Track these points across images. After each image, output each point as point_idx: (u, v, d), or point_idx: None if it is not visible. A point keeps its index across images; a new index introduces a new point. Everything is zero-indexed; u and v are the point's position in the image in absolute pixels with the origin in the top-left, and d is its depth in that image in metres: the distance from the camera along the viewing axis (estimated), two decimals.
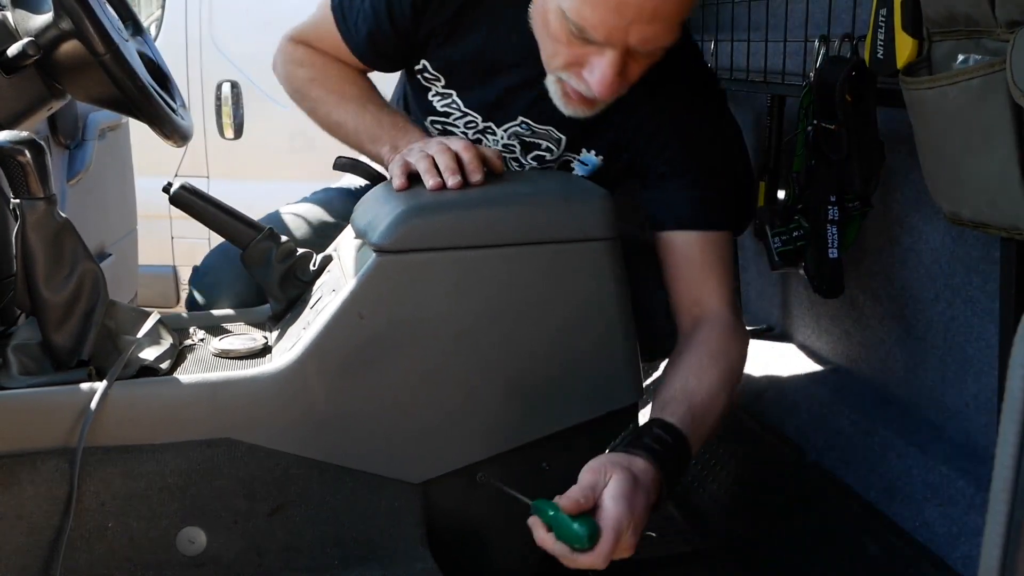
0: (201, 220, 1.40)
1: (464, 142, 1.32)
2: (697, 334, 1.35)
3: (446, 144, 1.31)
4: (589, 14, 1.20)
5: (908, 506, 1.44)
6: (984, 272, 1.43)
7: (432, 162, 1.29)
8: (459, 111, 1.52)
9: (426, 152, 1.31)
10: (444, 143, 1.31)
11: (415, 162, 1.30)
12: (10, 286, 1.27)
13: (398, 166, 1.32)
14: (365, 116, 1.48)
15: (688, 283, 1.39)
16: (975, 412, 1.47)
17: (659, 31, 1.21)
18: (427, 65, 1.50)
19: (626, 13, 1.18)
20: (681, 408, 1.22)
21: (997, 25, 0.96)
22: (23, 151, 1.13)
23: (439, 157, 1.29)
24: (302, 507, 1.20)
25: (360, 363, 1.18)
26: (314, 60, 1.57)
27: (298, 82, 1.58)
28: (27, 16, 1.39)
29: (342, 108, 1.51)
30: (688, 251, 1.39)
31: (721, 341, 1.33)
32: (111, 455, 1.15)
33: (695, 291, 1.38)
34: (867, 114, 1.47)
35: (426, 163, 1.29)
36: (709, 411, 1.26)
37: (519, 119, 1.48)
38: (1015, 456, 0.60)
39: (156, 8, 3.90)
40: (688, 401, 1.24)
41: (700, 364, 1.29)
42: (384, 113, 1.49)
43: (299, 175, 3.78)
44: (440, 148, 1.30)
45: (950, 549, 1.34)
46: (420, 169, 1.29)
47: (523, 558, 1.32)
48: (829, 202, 1.58)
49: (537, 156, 1.51)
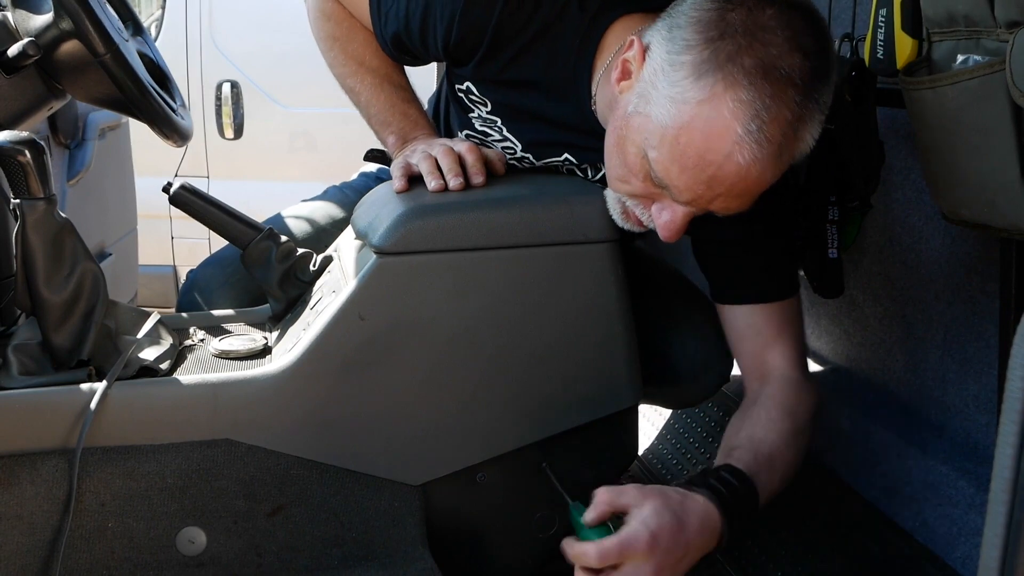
0: (201, 220, 1.39)
1: (468, 144, 1.30)
2: (764, 390, 1.30)
3: (449, 146, 1.30)
4: (676, 177, 1.10)
5: (908, 506, 1.44)
6: (984, 272, 1.43)
7: (435, 163, 1.28)
8: (500, 136, 1.44)
9: (429, 153, 1.30)
10: (447, 144, 1.30)
11: (417, 163, 1.29)
12: (10, 286, 1.27)
13: (399, 168, 1.31)
14: (380, 95, 1.44)
15: (755, 349, 1.34)
16: (975, 412, 1.47)
17: (743, 204, 1.14)
18: (472, 88, 1.40)
19: (716, 188, 1.09)
20: (747, 455, 1.18)
21: (997, 25, 0.96)
22: (23, 151, 1.13)
23: (442, 159, 1.28)
24: (302, 507, 1.20)
25: (360, 364, 1.18)
26: (341, 19, 1.49)
27: (322, 33, 1.51)
28: (27, 16, 1.39)
29: (358, 77, 1.46)
30: (755, 320, 1.33)
31: (789, 397, 1.28)
32: (111, 455, 1.15)
33: (762, 356, 1.33)
34: (867, 114, 1.46)
35: (428, 164, 1.28)
36: (777, 461, 1.20)
37: (563, 156, 1.40)
38: (1015, 456, 0.60)
39: (156, 8, 3.90)
40: (754, 450, 1.19)
41: (768, 417, 1.25)
42: (399, 97, 1.45)
43: (299, 175, 3.79)
44: (443, 150, 1.29)
45: (950, 549, 1.34)
46: (423, 170, 1.28)
47: (523, 558, 1.32)
48: (829, 202, 1.58)
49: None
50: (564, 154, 1.39)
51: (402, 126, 1.42)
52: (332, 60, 1.50)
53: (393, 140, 1.41)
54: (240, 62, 3.77)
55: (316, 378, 1.18)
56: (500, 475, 1.26)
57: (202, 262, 1.66)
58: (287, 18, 3.77)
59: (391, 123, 1.42)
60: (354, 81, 1.47)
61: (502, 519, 1.29)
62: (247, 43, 3.79)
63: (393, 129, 1.42)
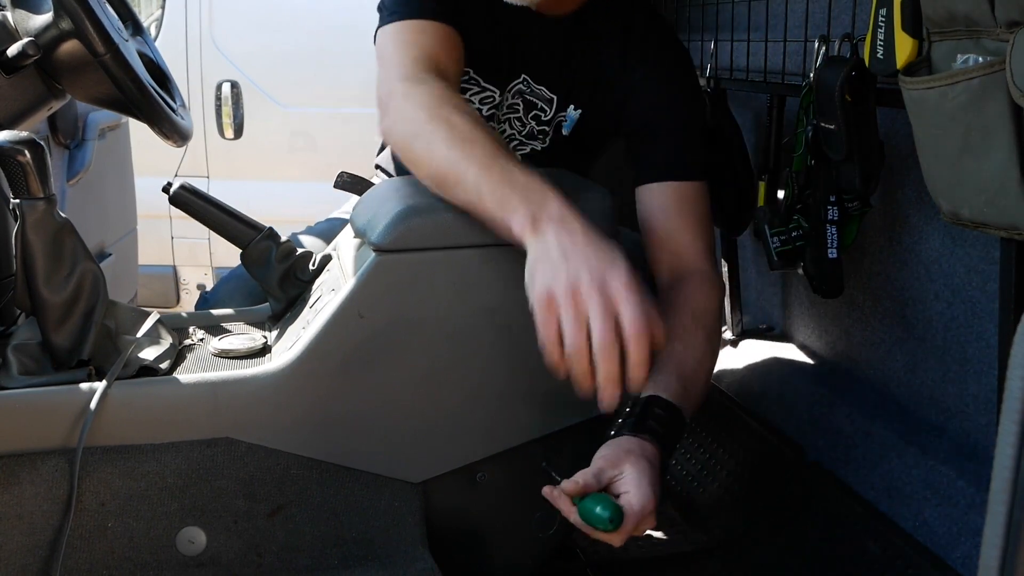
0: (201, 220, 1.40)
1: (635, 305, 1.02)
2: (679, 292, 1.37)
3: (609, 304, 1.02)
4: None
5: (908, 506, 1.44)
6: (984, 272, 1.43)
7: (585, 333, 1.02)
8: (478, 87, 1.53)
9: (579, 310, 1.02)
10: (608, 300, 1.02)
11: (567, 324, 1.02)
12: (10, 286, 1.27)
13: (546, 328, 1.04)
14: (492, 170, 1.13)
15: (666, 234, 1.44)
16: (975, 412, 1.47)
17: None
18: None
19: None
20: (673, 381, 1.22)
21: (997, 25, 0.96)
22: (23, 151, 1.13)
23: (599, 339, 1.01)
24: (302, 507, 1.20)
25: (360, 362, 1.19)
26: (429, 90, 1.26)
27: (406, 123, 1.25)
28: (27, 16, 1.39)
29: (460, 150, 1.16)
30: (667, 202, 1.44)
31: (702, 298, 1.37)
32: (111, 455, 1.15)
33: (673, 241, 1.43)
34: (867, 114, 1.47)
35: (579, 335, 1.02)
36: (698, 377, 1.28)
37: (521, 76, 1.53)
38: (1015, 456, 0.60)
39: (156, 8, 3.90)
40: (677, 371, 1.24)
41: (685, 327, 1.30)
42: (515, 167, 1.14)
43: (299, 175, 3.79)
44: (602, 319, 1.01)
45: (950, 549, 1.34)
46: (568, 334, 1.02)
47: (523, 558, 1.32)
48: (828, 202, 1.58)
49: (535, 115, 1.57)
50: (521, 74, 1.51)
51: (528, 201, 1.10)
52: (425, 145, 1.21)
53: (521, 221, 1.09)
54: (240, 62, 3.77)
55: (316, 376, 1.18)
56: (500, 474, 1.26)
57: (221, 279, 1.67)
58: (287, 18, 3.78)
59: (511, 200, 1.11)
60: (454, 158, 1.16)
61: (502, 518, 1.30)
62: (247, 43, 3.79)
63: (518, 206, 1.10)
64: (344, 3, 3.67)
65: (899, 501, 1.45)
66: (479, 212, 1.14)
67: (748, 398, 1.89)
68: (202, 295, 1.69)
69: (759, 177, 1.85)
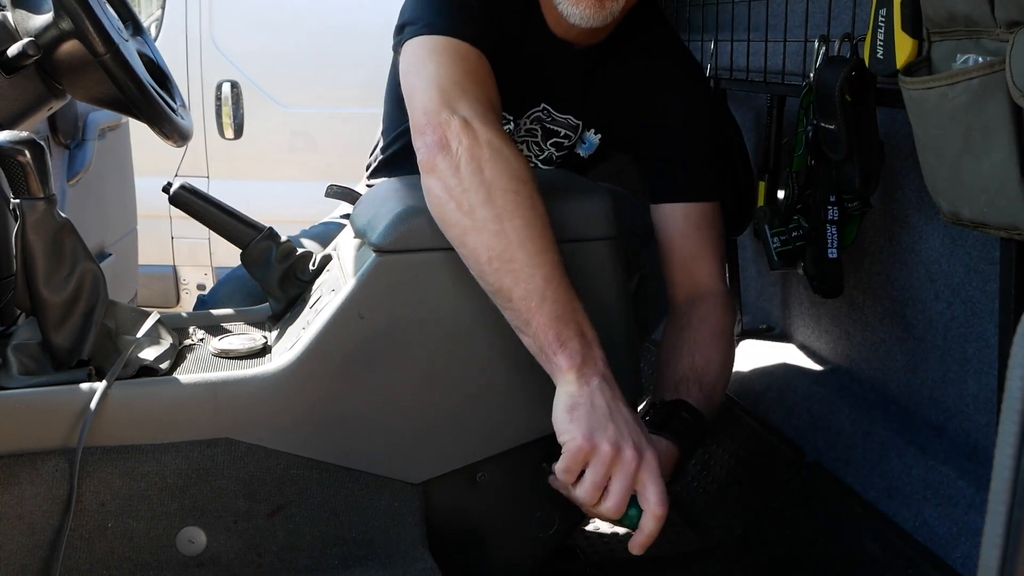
0: (201, 220, 1.40)
1: (662, 489, 1.09)
2: (697, 310, 1.44)
3: (632, 481, 1.08)
4: None
5: (908, 506, 1.44)
6: (984, 272, 1.43)
7: (600, 492, 1.09)
8: None
9: (608, 471, 1.07)
10: (635, 474, 1.07)
11: (593, 475, 1.07)
12: (10, 286, 1.27)
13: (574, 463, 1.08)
14: (545, 300, 1.08)
15: (683, 259, 1.48)
16: (975, 412, 1.47)
17: None
18: None
19: None
20: (695, 389, 1.35)
21: (997, 25, 0.96)
22: (23, 151, 1.13)
23: (611, 507, 1.08)
24: (302, 507, 1.20)
25: (360, 363, 1.18)
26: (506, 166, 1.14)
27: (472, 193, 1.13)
28: (27, 16, 1.39)
29: (517, 262, 1.09)
30: (683, 224, 1.49)
31: (718, 317, 1.45)
32: (111, 455, 1.15)
33: (691, 268, 1.48)
34: (867, 114, 1.47)
35: (598, 492, 1.08)
36: (717, 389, 1.39)
37: (541, 105, 1.53)
38: (1015, 456, 0.60)
39: (156, 8, 3.90)
40: (699, 381, 1.36)
41: (705, 343, 1.40)
42: (569, 299, 1.10)
43: (299, 175, 3.79)
44: (621, 498, 1.08)
45: (950, 549, 1.34)
46: (585, 488, 1.08)
47: (523, 558, 1.32)
48: (828, 202, 1.58)
49: (556, 143, 1.57)
50: (542, 103, 1.52)
51: (575, 352, 1.08)
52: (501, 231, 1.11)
53: (566, 365, 1.08)
54: (240, 62, 3.77)
55: (316, 376, 1.18)
56: (500, 474, 1.26)
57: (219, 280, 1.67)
58: (287, 18, 3.78)
59: (564, 340, 1.08)
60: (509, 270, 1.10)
61: (502, 519, 1.29)
62: (247, 43, 3.79)
63: (567, 352, 1.08)
64: (344, 3, 3.67)
65: (899, 501, 1.45)
66: (523, 319, 1.09)
67: (748, 398, 1.88)
68: (200, 298, 1.69)
69: (759, 177, 1.85)
